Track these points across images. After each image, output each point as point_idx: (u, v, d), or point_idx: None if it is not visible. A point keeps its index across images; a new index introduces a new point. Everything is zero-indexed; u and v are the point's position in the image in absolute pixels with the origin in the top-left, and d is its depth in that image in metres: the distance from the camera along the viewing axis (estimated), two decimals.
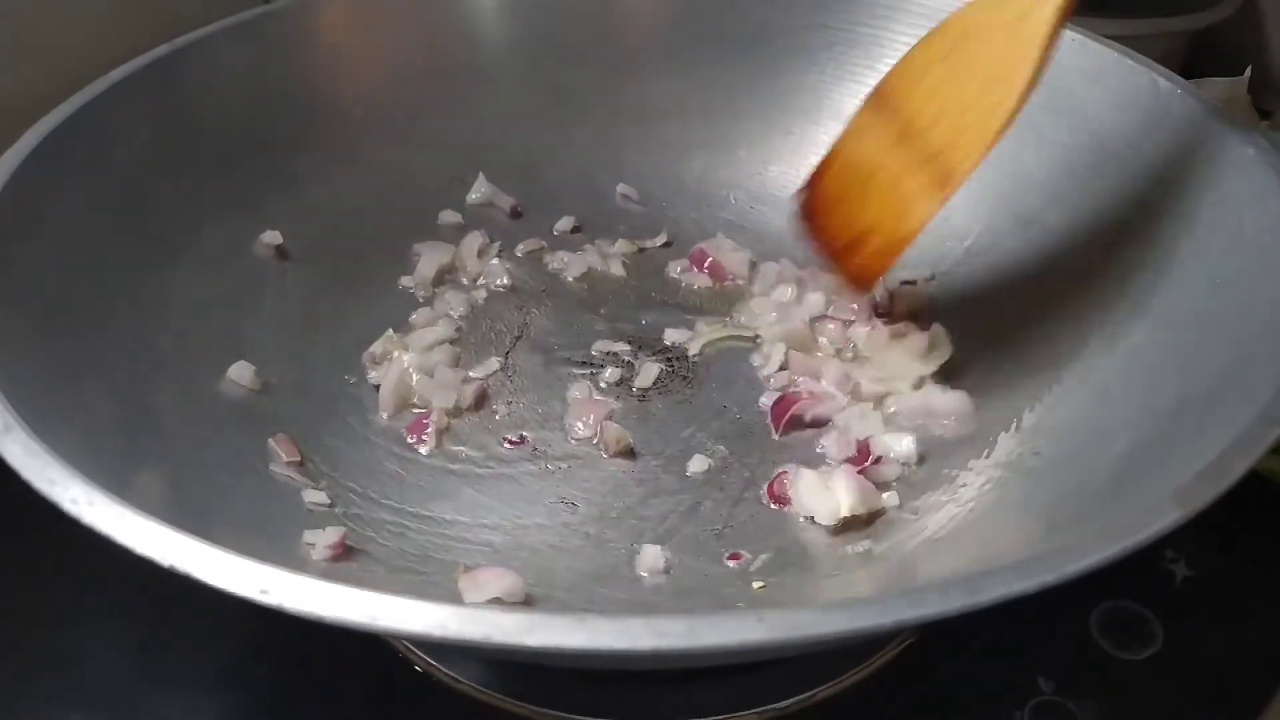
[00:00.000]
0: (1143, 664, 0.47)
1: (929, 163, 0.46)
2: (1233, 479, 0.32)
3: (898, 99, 0.48)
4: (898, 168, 0.47)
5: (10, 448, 0.33)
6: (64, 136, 0.48)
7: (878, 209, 0.49)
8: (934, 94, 0.46)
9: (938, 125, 0.46)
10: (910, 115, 0.47)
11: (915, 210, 0.47)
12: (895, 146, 0.47)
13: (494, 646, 0.27)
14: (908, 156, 0.47)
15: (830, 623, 0.27)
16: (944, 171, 0.45)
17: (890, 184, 0.48)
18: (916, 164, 0.46)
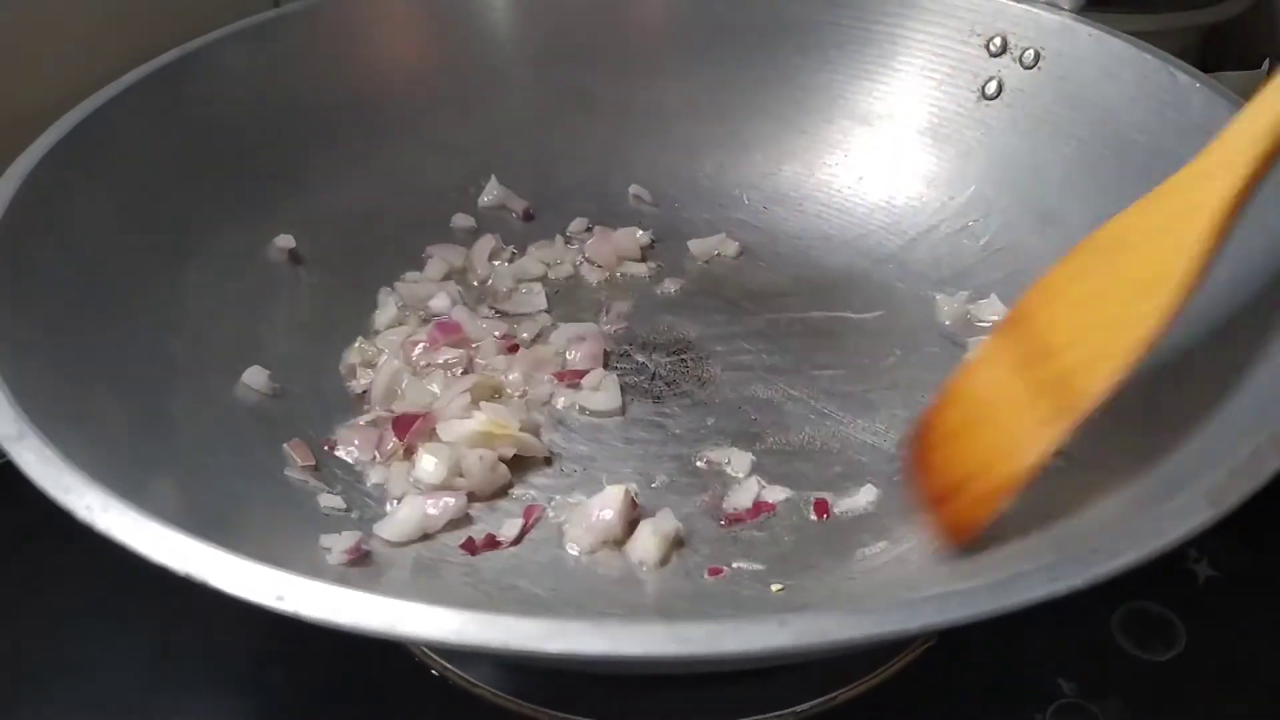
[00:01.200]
0: (1165, 665, 0.47)
1: (1054, 388, 0.39)
2: (1266, 476, 0.32)
3: (1031, 321, 0.42)
4: (1018, 398, 0.41)
5: (24, 455, 0.33)
6: (76, 141, 0.48)
7: (989, 447, 0.42)
8: (1068, 312, 0.41)
9: (1071, 347, 0.40)
10: (1043, 338, 0.41)
11: (1031, 443, 0.39)
12: (1020, 373, 0.41)
13: (513, 653, 0.27)
14: (1031, 384, 0.40)
15: (854, 627, 0.27)
16: (1073, 395, 0.38)
17: (1007, 418, 0.41)
18: (1040, 391, 0.40)
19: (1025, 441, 0.40)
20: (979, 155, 0.60)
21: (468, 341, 0.55)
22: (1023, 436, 0.40)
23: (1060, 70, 0.56)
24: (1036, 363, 0.41)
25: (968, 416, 0.44)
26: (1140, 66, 0.53)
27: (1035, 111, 0.57)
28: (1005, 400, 0.42)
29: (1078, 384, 0.39)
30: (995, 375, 0.43)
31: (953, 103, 0.61)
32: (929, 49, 0.61)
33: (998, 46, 0.59)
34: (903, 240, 0.61)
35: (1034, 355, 0.41)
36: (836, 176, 0.64)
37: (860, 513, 0.47)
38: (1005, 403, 0.42)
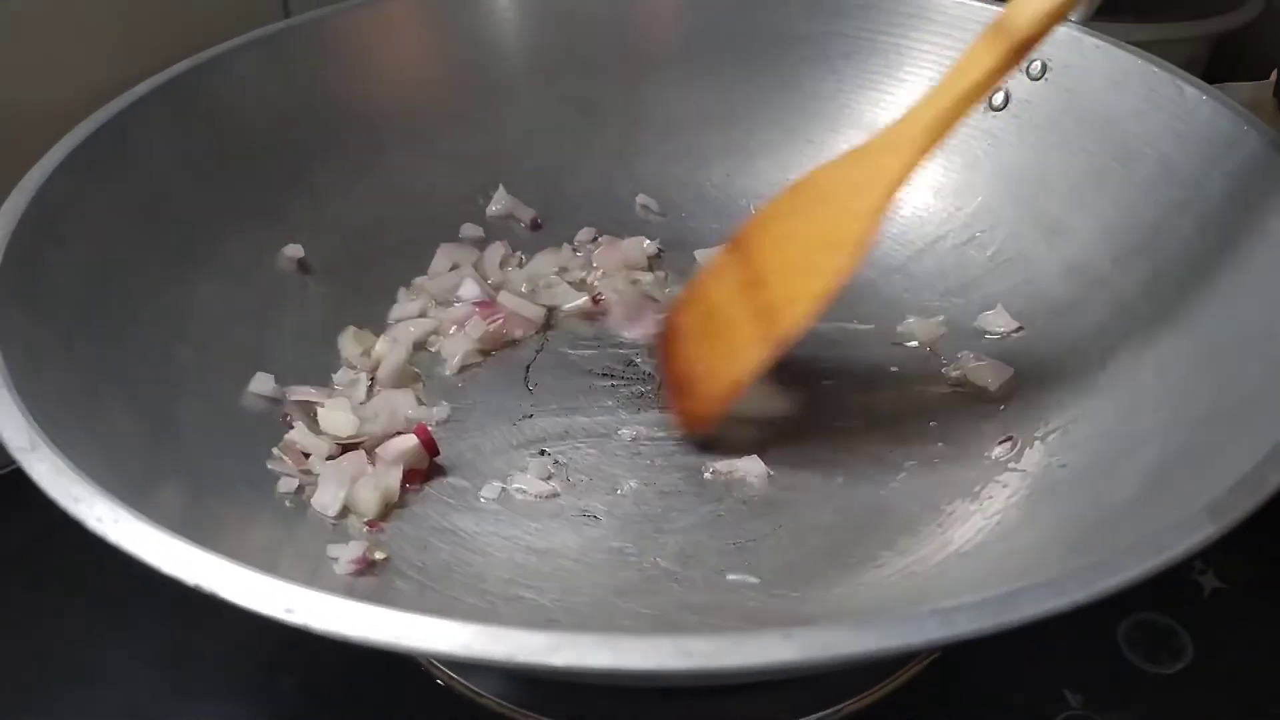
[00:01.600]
0: (1172, 677, 0.47)
1: (763, 315, 0.46)
2: (1269, 491, 0.32)
3: (750, 245, 0.48)
4: (738, 314, 0.47)
5: (36, 466, 0.33)
6: (89, 151, 0.48)
7: (714, 354, 0.49)
8: (776, 248, 0.47)
9: (775, 280, 0.46)
10: (757, 265, 0.47)
11: (745, 359, 0.47)
12: (740, 293, 0.47)
13: (519, 666, 0.27)
14: (747, 306, 0.47)
15: (859, 641, 0.27)
16: (774, 326, 0.45)
17: (728, 331, 0.48)
18: (753, 315, 0.46)
19: (741, 356, 0.47)
20: (986, 166, 0.60)
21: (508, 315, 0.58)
22: (740, 351, 0.47)
23: (1067, 82, 0.57)
24: (751, 287, 0.47)
25: (701, 321, 0.50)
26: (1147, 78, 0.53)
27: (1042, 122, 0.58)
28: (728, 314, 0.48)
29: (778, 317, 0.45)
30: (722, 288, 0.49)
31: None
32: (935, 59, 0.61)
33: None
34: (910, 251, 0.61)
35: (750, 279, 0.47)
36: None
37: (865, 524, 0.47)
38: (728, 317, 0.48)
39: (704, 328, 0.50)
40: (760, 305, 0.46)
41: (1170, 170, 0.51)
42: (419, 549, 0.46)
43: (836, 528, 0.47)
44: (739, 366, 0.47)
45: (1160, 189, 0.51)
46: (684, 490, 0.49)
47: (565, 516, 0.48)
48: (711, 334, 0.49)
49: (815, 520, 0.47)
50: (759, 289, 0.46)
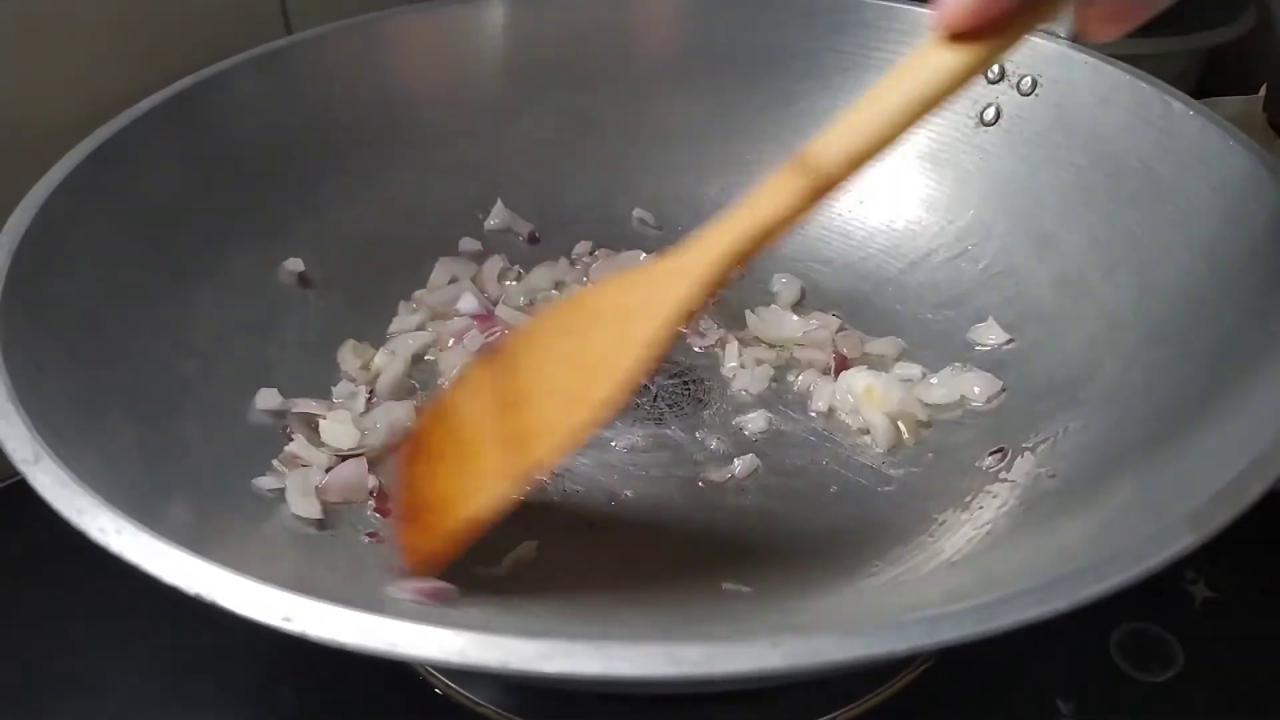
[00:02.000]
0: (1163, 686, 0.47)
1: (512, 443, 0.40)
2: (1249, 501, 0.32)
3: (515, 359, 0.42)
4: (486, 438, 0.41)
5: (40, 478, 0.34)
6: (91, 168, 0.49)
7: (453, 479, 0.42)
8: (544, 367, 0.41)
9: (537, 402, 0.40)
10: (519, 382, 0.41)
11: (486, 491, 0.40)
12: (493, 413, 0.41)
13: (512, 673, 0.28)
14: (499, 430, 0.40)
15: (845, 649, 0.28)
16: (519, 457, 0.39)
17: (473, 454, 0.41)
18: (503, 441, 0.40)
19: (483, 489, 0.40)
20: (977, 180, 0.60)
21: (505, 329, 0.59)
22: (482, 482, 0.40)
23: (1057, 97, 0.57)
24: (508, 409, 0.41)
25: (445, 439, 0.43)
26: (1136, 94, 0.54)
27: (1032, 137, 0.58)
28: (475, 436, 0.42)
29: (529, 447, 0.39)
30: (473, 405, 0.42)
31: (951, 128, 0.61)
32: None
33: (995, 73, 0.59)
34: (902, 264, 0.62)
35: (508, 399, 0.41)
36: (837, 200, 0.64)
37: (858, 534, 0.48)
38: (474, 439, 0.42)
39: (448, 447, 0.43)
40: (512, 431, 0.40)
41: (1158, 185, 0.52)
42: None
43: (829, 538, 0.48)
44: (477, 501, 0.40)
45: (1149, 203, 0.52)
46: (679, 501, 0.50)
47: (560, 527, 0.48)
48: (455, 456, 0.42)
49: (808, 530, 0.48)
50: (514, 411, 0.40)
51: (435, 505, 0.42)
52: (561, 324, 0.42)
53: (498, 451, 0.40)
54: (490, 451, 0.40)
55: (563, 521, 0.49)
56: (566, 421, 0.39)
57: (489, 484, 0.40)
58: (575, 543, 0.48)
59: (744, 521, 0.49)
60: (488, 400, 0.42)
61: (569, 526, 0.48)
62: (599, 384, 0.38)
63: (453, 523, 0.40)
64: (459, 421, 0.43)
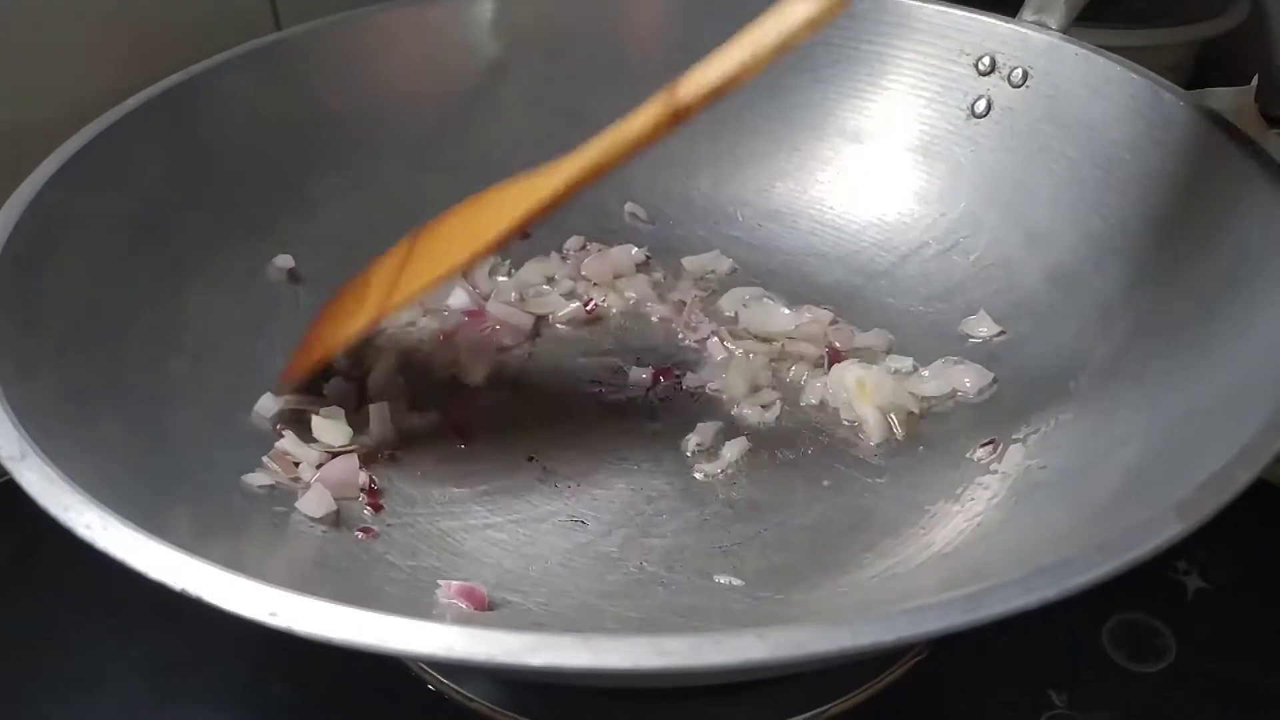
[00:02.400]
0: (1156, 676, 0.47)
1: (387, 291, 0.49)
2: (1235, 490, 0.32)
3: (418, 236, 0.51)
4: (374, 288, 0.50)
5: (25, 474, 0.34)
6: (81, 164, 0.49)
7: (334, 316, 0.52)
8: (432, 240, 0.50)
9: (416, 262, 0.49)
10: (413, 251, 0.50)
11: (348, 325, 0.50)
12: (389, 273, 0.50)
13: (499, 666, 0.27)
14: (386, 282, 0.49)
15: (832, 639, 0.28)
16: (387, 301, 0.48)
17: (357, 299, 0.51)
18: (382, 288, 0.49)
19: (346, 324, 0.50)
20: (969, 172, 0.60)
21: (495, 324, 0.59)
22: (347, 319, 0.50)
23: (1048, 89, 0.57)
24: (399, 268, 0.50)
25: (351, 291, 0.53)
26: (1126, 85, 0.54)
27: (1024, 129, 0.58)
28: (369, 287, 0.51)
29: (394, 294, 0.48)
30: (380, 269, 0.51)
31: (943, 121, 0.61)
32: (919, 68, 0.62)
33: (986, 66, 0.59)
34: (894, 257, 0.62)
35: (403, 262, 0.50)
36: (829, 193, 0.65)
37: (849, 526, 0.48)
38: (368, 289, 0.51)
39: (349, 296, 0.52)
40: (391, 283, 0.49)
41: (1149, 176, 0.52)
42: (407, 555, 0.46)
43: (821, 530, 0.47)
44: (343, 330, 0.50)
45: (1139, 194, 0.52)
46: (670, 495, 0.50)
47: (552, 521, 0.49)
48: (351, 301, 0.52)
49: (800, 523, 0.48)
50: (400, 270, 0.49)
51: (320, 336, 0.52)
52: (456, 212, 0.50)
53: (370, 296, 0.49)
54: (367, 297, 0.50)
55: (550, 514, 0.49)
56: (425, 277, 0.47)
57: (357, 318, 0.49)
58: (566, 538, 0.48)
59: (735, 514, 0.48)
60: (388, 265, 0.51)
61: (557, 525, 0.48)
62: (459, 250, 0.47)
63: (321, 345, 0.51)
64: (365, 279, 0.52)
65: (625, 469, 0.51)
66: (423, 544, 0.47)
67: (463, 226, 0.48)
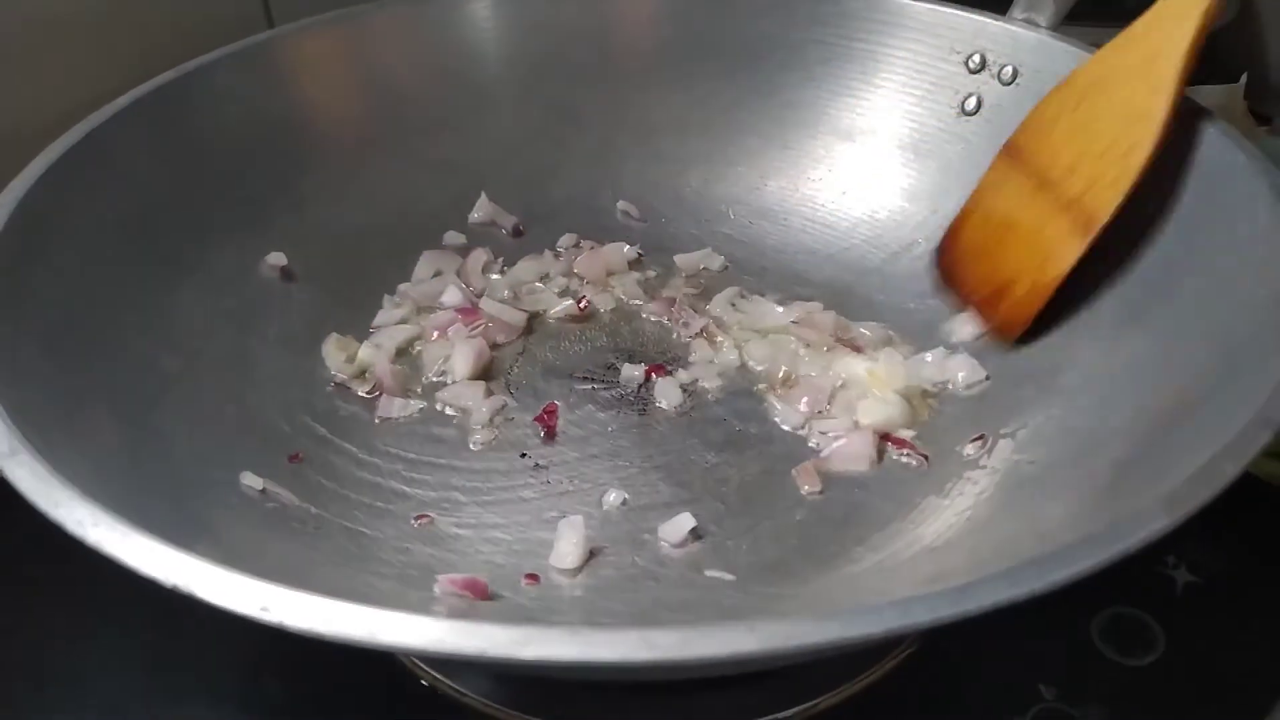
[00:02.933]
0: (1145, 670, 0.47)
1: (1069, 208, 0.47)
2: (1222, 484, 0.32)
3: (1030, 151, 0.49)
4: (1037, 217, 0.48)
5: (16, 471, 0.34)
6: (71, 162, 0.49)
7: (1020, 259, 0.50)
8: (1068, 142, 0.47)
9: (1075, 172, 0.47)
10: (1044, 165, 0.48)
11: (1059, 255, 0.48)
12: (1032, 197, 0.48)
13: (490, 660, 0.28)
14: (1046, 205, 0.47)
15: (821, 632, 0.28)
16: (1087, 215, 0.46)
17: (1031, 234, 0.49)
18: (1056, 211, 0.47)
19: (1052, 253, 0.47)
20: (959, 169, 0.60)
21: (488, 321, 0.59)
22: (1049, 249, 0.47)
23: (1038, 86, 0.57)
24: (1046, 187, 0.47)
25: (990, 235, 0.51)
26: None
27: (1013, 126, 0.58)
28: (1025, 220, 0.49)
29: (1088, 206, 0.46)
30: (1009, 199, 0.49)
31: (933, 118, 0.62)
32: (910, 66, 0.62)
33: (976, 63, 0.60)
34: (885, 254, 0.62)
35: (1042, 181, 0.48)
36: (820, 191, 0.65)
37: (840, 521, 0.48)
38: (1025, 222, 0.49)
39: (999, 240, 0.50)
40: (1062, 202, 0.47)
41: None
42: (399, 551, 0.46)
43: (811, 526, 0.48)
44: (1054, 264, 0.48)
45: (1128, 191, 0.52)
46: (662, 490, 0.50)
47: (546, 518, 0.49)
48: (1010, 243, 0.50)
49: (791, 519, 0.48)
50: (1055, 188, 0.47)
51: (1009, 283, 0.50)
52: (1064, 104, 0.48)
53: (1054, 221, 0.47)
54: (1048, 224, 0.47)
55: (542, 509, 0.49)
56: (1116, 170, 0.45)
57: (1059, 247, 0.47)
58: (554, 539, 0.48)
59: (727, 509, 0.49)
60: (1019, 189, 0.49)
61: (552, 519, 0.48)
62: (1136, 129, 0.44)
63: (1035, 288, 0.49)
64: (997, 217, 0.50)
65: (617, 465, 0.51)
66: (413, 541, 0.47)
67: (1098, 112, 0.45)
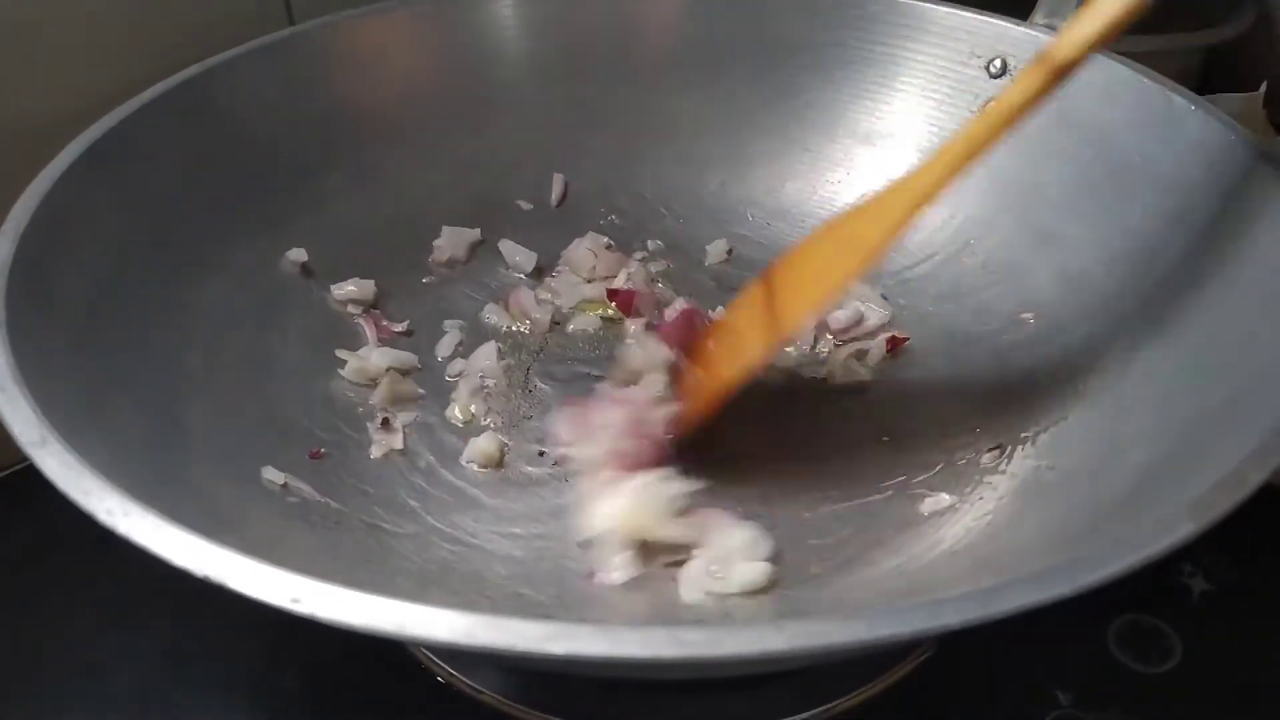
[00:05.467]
0: (1161, 677, 0.47)
1: (769, 321, 0.49)
2: (1247, 491, 0.32)
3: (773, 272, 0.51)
4: (749, 326, 0.50)
5: (46, 460, 0.34)
6: (96, 156, 0.49)
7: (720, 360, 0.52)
8: (795, 268, 0.50)
9: (787, 291, 0.49)
10: (775, 285, 0.50)
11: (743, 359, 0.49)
12: (757, 311, 0.50)
13: (518, 654, 0.28)
14: (759, 318, 0.50)
15: (849, 632, 0.28)
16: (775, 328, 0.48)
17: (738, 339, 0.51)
18: (761, 323, 0.49)
19: (740, 358, 0.49)
20: (979, 175, 0.59)
21: None
22: (740, 354, 0.50)
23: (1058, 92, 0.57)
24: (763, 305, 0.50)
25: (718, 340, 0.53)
26: (1137, 89, 0.54)
27: (1034, 132, 0.57)
28: (740, 329, 0.51)
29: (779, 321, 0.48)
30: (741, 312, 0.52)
31: (953, 122, 0.62)
32: (930, 70, 0.62)
33: (998, 68, 0.60)
34: (904, 258, 0.62)
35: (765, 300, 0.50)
36: (839, 194, 0.65)
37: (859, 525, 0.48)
38: (739, 331, 0.51)
39: (718, 345, 0.53)
40: (767, 316, 0.49)
41: (1159, 179, 0.52)
42: (420, 547, 0.46)
43: (830, 528, 0.48)
44: (735, 366, 0.49)
45: (1150, 198, 0.52)
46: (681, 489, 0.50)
47: (563, 515, 0.49)
48: (723, 347, 0.52)
49: (809, 522, 0.48)
50: (771, 301, 0.50)
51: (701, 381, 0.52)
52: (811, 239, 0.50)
53: (753, 332, 0.50)
54: (749, 334, 0.50)
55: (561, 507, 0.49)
56: (811, 295, 0.48)
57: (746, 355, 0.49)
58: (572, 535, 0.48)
59: (745, 510, 0.49)
60: (750, 306, 0.51)
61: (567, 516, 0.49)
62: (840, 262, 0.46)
63: (714, 386, 0.50)
64: (731, 322, 0.54)
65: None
66: (432, 536, 0.47)
67: (834, 244, 0.48)
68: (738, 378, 0.49)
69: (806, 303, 0.48)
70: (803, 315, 0.49)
